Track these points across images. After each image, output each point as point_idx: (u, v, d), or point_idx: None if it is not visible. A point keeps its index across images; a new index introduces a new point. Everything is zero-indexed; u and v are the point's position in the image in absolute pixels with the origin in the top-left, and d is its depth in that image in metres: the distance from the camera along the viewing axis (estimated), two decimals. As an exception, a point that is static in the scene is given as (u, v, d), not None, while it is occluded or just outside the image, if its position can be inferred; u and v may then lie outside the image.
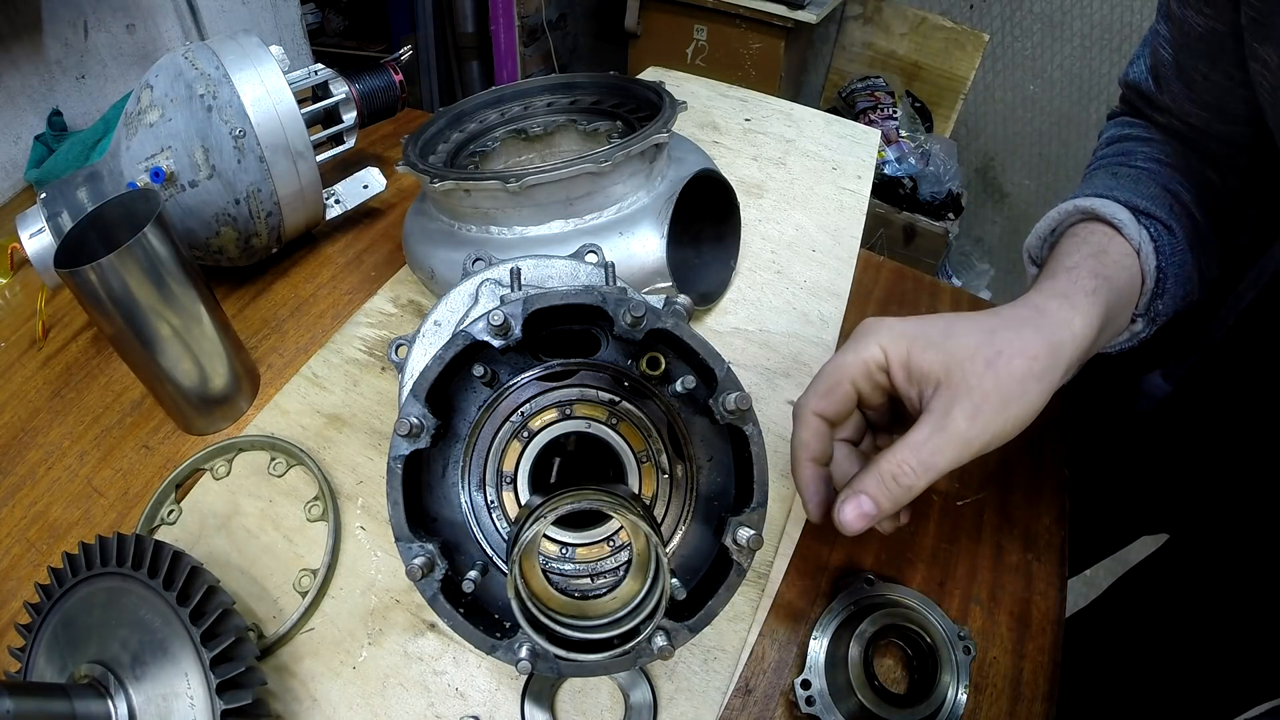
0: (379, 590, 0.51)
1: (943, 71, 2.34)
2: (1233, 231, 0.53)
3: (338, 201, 0.78)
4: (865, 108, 2.31)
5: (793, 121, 0.97)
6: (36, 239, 0.62)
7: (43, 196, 0.63)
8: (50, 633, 0.43)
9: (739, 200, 0.68)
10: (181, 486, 0.58)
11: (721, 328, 0.69)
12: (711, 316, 0.70)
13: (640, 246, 0.59)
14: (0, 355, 0.71)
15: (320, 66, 0.74)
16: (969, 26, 2.27)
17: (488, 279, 0.47)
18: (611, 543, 0.40)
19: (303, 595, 0.51)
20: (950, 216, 2.20)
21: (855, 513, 0.39)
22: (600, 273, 0.47)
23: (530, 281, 0.47)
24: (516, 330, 0.35)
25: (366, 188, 0.79)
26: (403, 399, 0.44)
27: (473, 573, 0.37)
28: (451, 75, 2.73)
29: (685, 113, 0.65)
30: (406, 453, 0.36)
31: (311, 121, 0.69)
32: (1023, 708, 0.48)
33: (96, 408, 0.64)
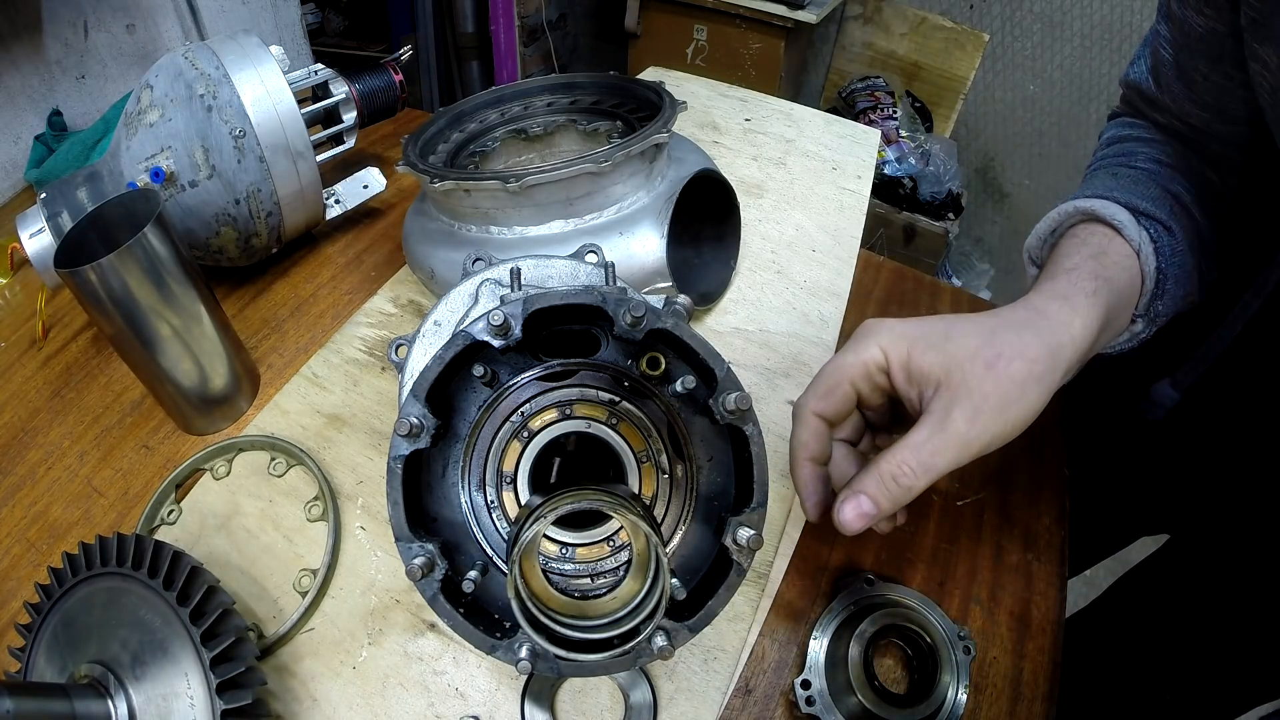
0: (379, 590, 0.51)
1: (943, 71, 2.34)
2: (1233, 232, 0.53)
3: (338, 201, 0.78)
4: (865, 108, 2.31)
5: (793, 121, 0.97)
6: (36, 239, 0.62)
7: (43, 196, 0.63)
8: (50, 633, 0.43)
9: (739, 200, 0.68)
10: (181, 486, 0.58)
11: (721, 328, 0.69)
12: (711, 316, 0.70)
13: (640, 246, 0.59)
14: (0, 355, 0.71)
15: (320, 66, 0.74)
16: (969, 26, 2.27)
17: (488, 279, 0.47)
18: (611, 543, 0.40)
19: (303, 595, 0.51)
20: (950, 216, 2.20)
21: (855, 513, 0.39)
22: (600, 273, 0.47)
23: (530, 281, 0.47)
24: (516, 330, 0.35)
25: (366, 188, 0.79)
26: (403, 399, 0.44)
27: (473, 573, 0.37)
28: (451, 75, 2.73)
29: (685, 113, 0.65)
30: (406, 453, 0.36)
31: (311, 121, 0.69)
32: (1023, 708, 0.48)
33: (96, 408, 0.64)
